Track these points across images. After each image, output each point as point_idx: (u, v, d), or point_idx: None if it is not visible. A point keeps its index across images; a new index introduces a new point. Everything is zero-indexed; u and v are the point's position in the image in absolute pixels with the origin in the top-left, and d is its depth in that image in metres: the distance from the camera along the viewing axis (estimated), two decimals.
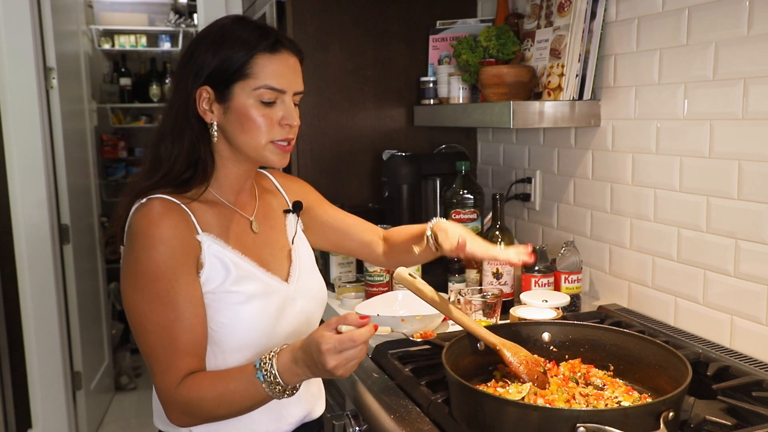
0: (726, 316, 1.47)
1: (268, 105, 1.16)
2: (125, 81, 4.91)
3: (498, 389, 1.16)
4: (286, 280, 1.27)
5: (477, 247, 1.27)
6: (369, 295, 1.84)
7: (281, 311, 1.23)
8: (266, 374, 1.05)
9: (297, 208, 1.38)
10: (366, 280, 1.88)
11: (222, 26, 1.19)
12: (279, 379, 1.05)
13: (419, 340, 1.47)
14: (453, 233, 1.30)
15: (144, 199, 1.15)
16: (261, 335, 1.18)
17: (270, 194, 1.38)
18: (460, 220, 1.95)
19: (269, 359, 1.06)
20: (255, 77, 1.15)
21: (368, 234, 1.50)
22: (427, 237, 1.36)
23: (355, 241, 1.48)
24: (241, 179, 1.26)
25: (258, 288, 1.19)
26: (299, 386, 1.09)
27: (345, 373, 1.03)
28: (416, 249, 1.36)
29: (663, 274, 1.64)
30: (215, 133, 1.19)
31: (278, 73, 1.16)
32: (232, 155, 1.21)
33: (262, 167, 1.39)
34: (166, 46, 4.94)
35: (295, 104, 1.20)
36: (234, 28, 1.17)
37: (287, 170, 2.31)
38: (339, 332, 1.02)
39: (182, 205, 1.16)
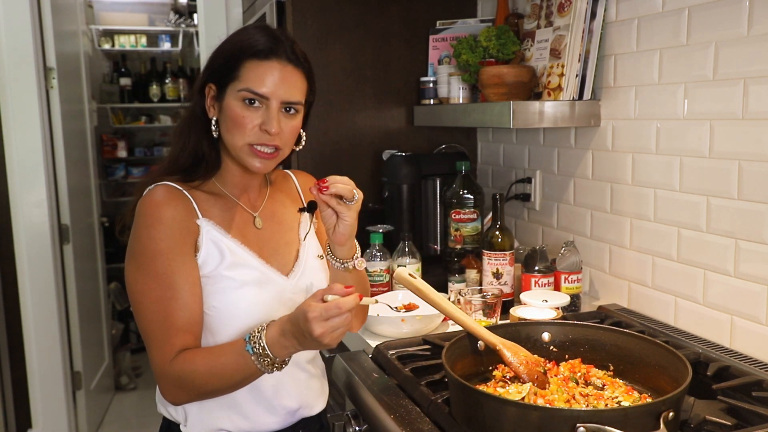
0: (726, 316, 1.47)
1: (251, 109, 1.19)
2: (125, 81, 4.91)
3: (498, 389, 1.16)
4: (287, 275, 1.28)
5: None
6: (369, 295, 1.84)
7: (276, 303, 1.24)
8: (255, 346, 1.08)
9: (312, 207, 1.38)
10: None
11: (240, 30, 1.26)
12: (268, 351, 1.08)
13: (402, 311, 1.45)
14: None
15: (152, 186, 1.21)
16: (253, 323, 1.20)
17: (284, 194, 1.40)
18: (460, 220, 1.95)
19: (258, 332, 1.09)
20: (241, 80, 1.19)
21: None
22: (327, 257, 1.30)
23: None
24: (245, 177, 1.29)
25: (252, 276, 1.22)
26: (288, 360, 1.12)
27: (331, 342, 1.05)
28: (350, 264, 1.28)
29: (663, 274, 1.64)
30: (215, 128, 1.24)
31: (262, 80, 1.18)
32: (230, 152, 1.26)
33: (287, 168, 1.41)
34: (166, 46, 4.94)
35: (288, 110, 1.20)
36: (245, 32, 1.24)
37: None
38: (325, 301, 1.04)
39: (185, 192, 1.21)
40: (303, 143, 1.30)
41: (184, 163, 1.24)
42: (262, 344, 1.08)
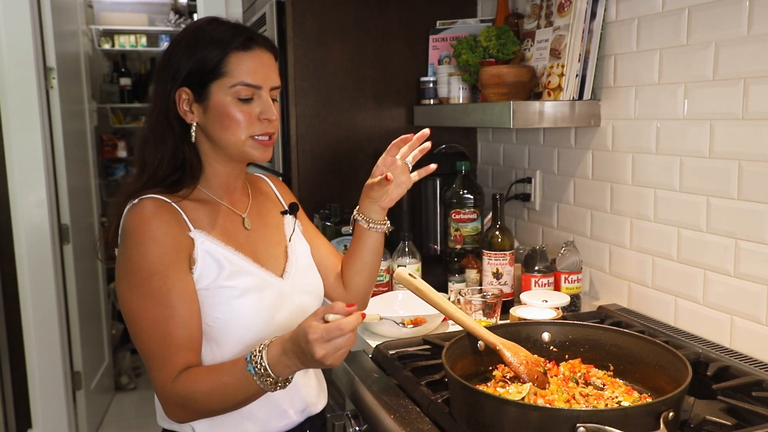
0: (726, 316, 1.47)
1: (246, 101, 1.18)
2: (125, 81, 4.91)
3: (498, 389, 1.16)
4: (281, 276, 1.28)
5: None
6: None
7: (277, 306, 1.23)
8: (257, 366, 1.06)
9: (293, 209, 1.40)
10: None
11: (196, 28, 1.23)
12: (269, 371, 1.05)
13: (410, 326, 1.45)
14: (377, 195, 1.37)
15: (136, 200, 1.17)
16: (257, 330, 1.19)
17: (264, 196, 1.40)
18: (460, 220, 1.95)
19: (259, 352, 1.07)
20: (230, 75, 1.17)
21: (331, 259, 1.45)
22: (354, 219, 1.38)
23: (320, 265, 1.43)
24: (231, 178, 1.28)
25: (252, 282, 1.21)
26: (291, 378, 1.09)
27: (334, 363, 1.03)
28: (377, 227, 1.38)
29: (663, 274, 1.64)
30: (193, 133, 1.21)
31: (253, 70, 1.18)
32: (217, 154, 1.23)
33: (261, 169, 1.39)
34: (165, 46, 4.93)
35: (274, 99, 1.23)
36: (208, 29, 1.21)
37: (287, 171, 2.31)
38: (326, 321, 1.02)
39: (173, 204, 1.18)
40: None
41: (164, 174, 1.20)
42: (263, 364, 1.05)
